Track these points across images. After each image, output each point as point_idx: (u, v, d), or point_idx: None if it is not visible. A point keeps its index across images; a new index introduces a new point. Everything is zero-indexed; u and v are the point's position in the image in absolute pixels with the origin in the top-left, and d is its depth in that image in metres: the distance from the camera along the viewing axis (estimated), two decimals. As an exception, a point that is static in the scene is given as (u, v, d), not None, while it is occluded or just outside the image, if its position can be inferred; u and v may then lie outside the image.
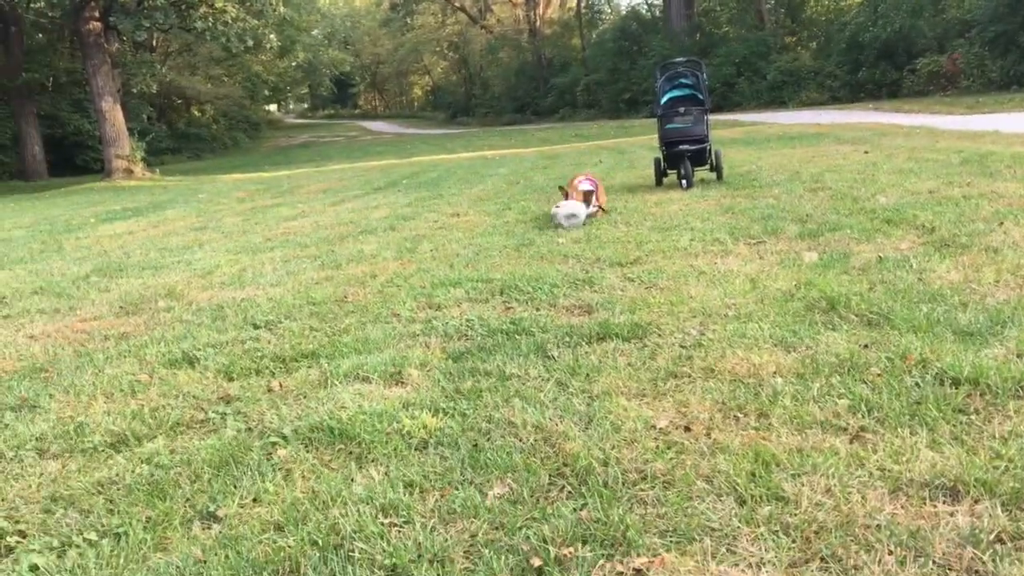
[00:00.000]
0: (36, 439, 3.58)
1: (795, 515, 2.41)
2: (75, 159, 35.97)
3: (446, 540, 2.45)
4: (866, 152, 12.91)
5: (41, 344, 5.30)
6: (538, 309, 5.08)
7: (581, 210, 8.24)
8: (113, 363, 4.71)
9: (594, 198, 8.75)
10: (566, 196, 8.60)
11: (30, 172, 32.92)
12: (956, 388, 3.19)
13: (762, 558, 2.24)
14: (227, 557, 2.44)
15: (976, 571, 2.09)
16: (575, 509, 2.57)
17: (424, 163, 22.46)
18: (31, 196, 22.89)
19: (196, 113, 50.24)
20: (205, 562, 2.43)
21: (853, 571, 2.14)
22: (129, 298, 6.59)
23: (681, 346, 4.07)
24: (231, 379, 4.25)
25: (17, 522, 2.82)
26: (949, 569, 2.11)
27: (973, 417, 2.95)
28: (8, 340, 5.46)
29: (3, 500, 3.00)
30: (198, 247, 9.38)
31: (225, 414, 3.70)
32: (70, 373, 4.57)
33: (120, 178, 25.40)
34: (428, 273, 6.45)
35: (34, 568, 2.49)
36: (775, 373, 3.56)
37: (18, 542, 2.68)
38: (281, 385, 4.05)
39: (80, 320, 5.97)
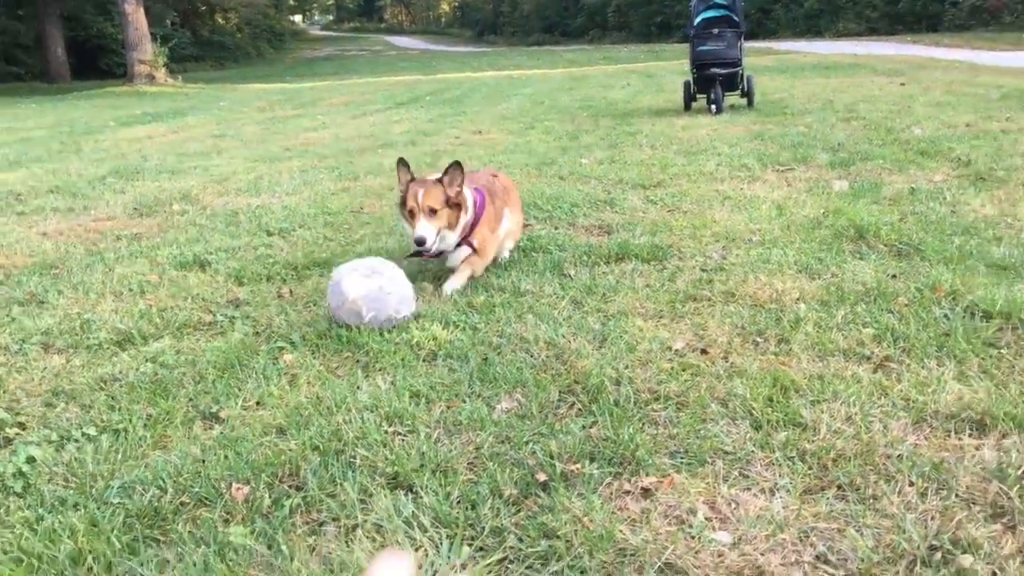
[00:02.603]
0: (42, 333, 3.53)
1: (812, 442, 2.31)
2: (98, 62, 35.67)
3: (450, 451, 2.38)
4: (902, 84, 12.54)
5: (53, 241, 5.24)
6: (556, 228, 4.95)
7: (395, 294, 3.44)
8: (124, 263, 4.64)
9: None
10: (412, 214, 3.80)
11: (53, 74, 32.73)
12: (987, 321, 3.07)
13: (776, 483, 2.15)
14: (226, 457, 2.38)
15: (1001, 506, 2.00)
16: (584, 427, 2.49)
17: (448, 80, 22.09)
18: (53, 98, 22.74)
19: (220, 21, 49.50)
20: (204, 461, 2.38)
21: (872, 500, 2.05)
22: (144, 200, 6.50)
23: (702, 269, 3.95)
24: (241, 283, 4.17)
25: (18, 414, 2.77)
26: (973, 503, 2.02)
27: (1004, 351, 2.82)
28: (21, 236, 5.40)
29: (5, 392, 2.96)
30: (216, 154, 9.26)
31: (233, 317, 3.63)
32: (80, 271, 4.51)
33: (142, 83, 25.22)
34: (446, 187, 6.31)
35: (31, 460, 2.44)
36: (798, 299, 3.44)
37: (17, 434, 2.64)
38: (292, 292, 3.98)
39: (94, 220, 5.90)
